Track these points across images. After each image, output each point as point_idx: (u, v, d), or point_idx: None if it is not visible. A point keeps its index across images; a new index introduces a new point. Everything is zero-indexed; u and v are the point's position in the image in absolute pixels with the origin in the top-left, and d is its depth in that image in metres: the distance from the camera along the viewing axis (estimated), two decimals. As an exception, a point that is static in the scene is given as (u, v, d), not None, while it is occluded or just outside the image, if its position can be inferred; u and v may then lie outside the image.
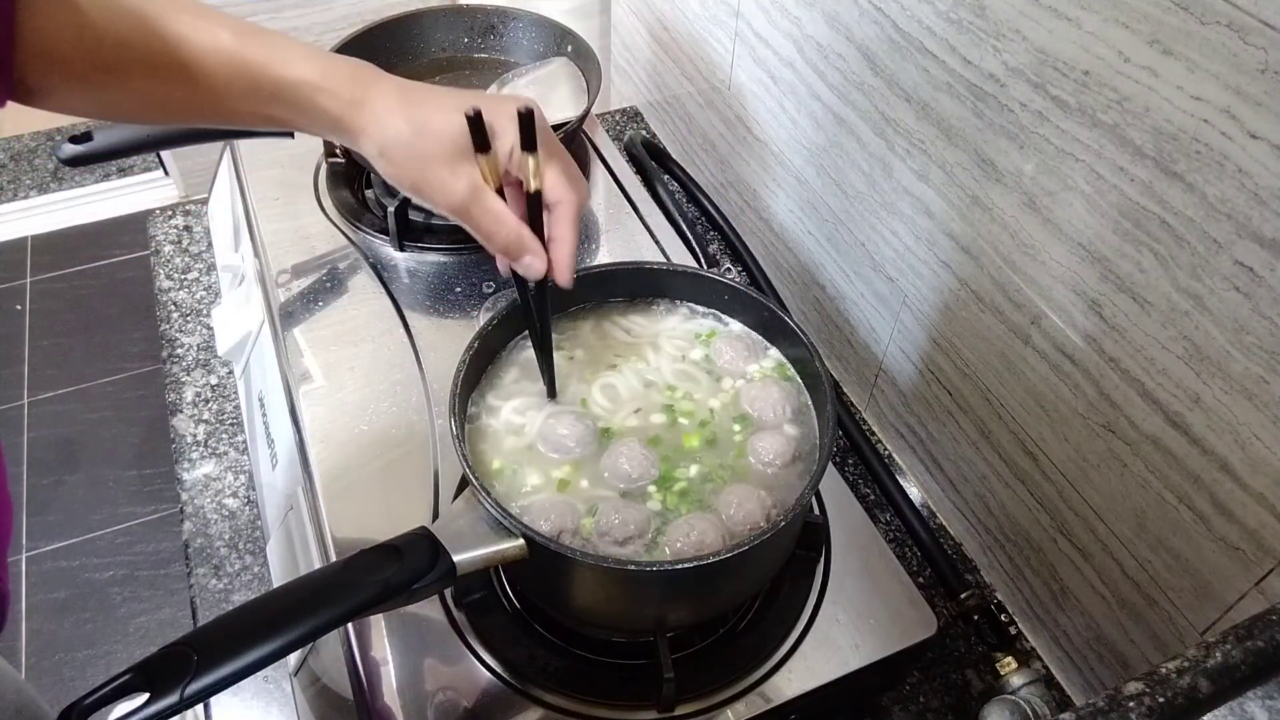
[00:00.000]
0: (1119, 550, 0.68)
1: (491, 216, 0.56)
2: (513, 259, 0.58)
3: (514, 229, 0.57)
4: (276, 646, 0.47)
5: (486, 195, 0.56)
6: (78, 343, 2.34)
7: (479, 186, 0.56)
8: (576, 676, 0.64)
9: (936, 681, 0.77)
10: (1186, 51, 0.51)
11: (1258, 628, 0.41)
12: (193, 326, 1.02)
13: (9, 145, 2.83)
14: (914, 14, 0.72)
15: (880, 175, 0.83)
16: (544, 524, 0.58)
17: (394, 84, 0.56)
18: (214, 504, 0.86)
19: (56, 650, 1.78)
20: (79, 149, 0.83)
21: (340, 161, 1.00)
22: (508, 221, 0.57)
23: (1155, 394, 0.60)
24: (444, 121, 0.54)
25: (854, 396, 1.00)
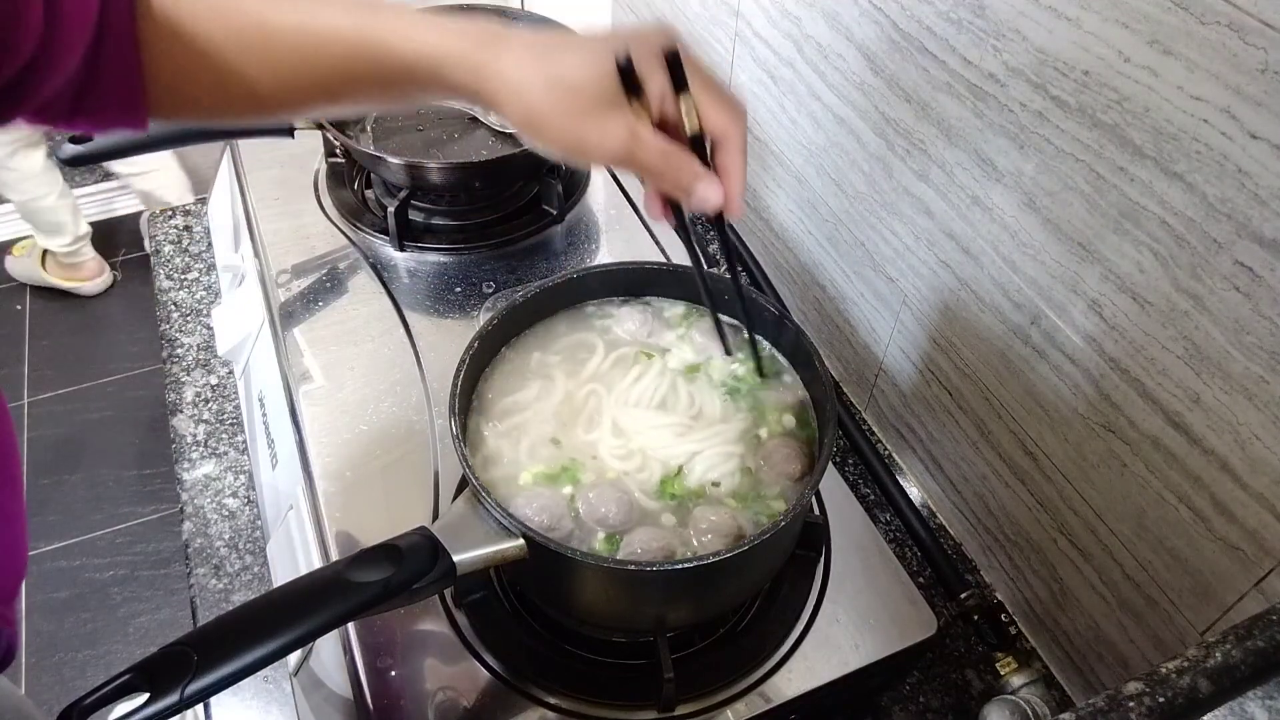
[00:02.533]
0: (1119, 550, 0.68)
1: (659, 153, 0.52)
2: (687, 193, 0.54)
3: (686, 160, 0.53)
4: (276, 646, 0.47)
5: (646, 134, 0.52)
6: (78, 343, 2.34)
7: (636, 129, 0.52)
8: (576, 676, 0.64)
9: (936, 681, 0.77)
10: (1186, 51, 0.51)
11: (1258, 628, 0.41)
12: (193, 326, 1.02)
13: (9, 145, 2.83)
14: (914, 14, 0.72)
15: (880, 175, 0.83)
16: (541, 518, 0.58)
17: (523, 42, 0.52)
18: (214, 504, 0.86)
19: (56, 650, 1.78)
20: (79, 149, 0.83)
21: (340, 161, 1.00)
22: (677, 153, 0.53)
23: (1155, 394, 0.60)
24: (586, 72, 0.50)
25: (854, 396, 1.00)
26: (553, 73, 0.50)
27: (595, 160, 0.53)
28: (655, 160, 0.52)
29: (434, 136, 0.98)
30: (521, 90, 0.51)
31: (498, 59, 0.51)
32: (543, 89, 0.50)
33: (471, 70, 0.51)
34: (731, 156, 0.54)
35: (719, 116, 0.53)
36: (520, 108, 0.51)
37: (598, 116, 0.51)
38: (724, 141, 0.54)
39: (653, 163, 0.53)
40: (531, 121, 0.52)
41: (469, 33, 0.52)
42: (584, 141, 0.52)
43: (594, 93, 0.50)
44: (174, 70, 0.50)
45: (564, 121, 0.51)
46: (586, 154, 0.53)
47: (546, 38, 0.53)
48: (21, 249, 2.45)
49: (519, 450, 0.64)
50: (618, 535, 0.59)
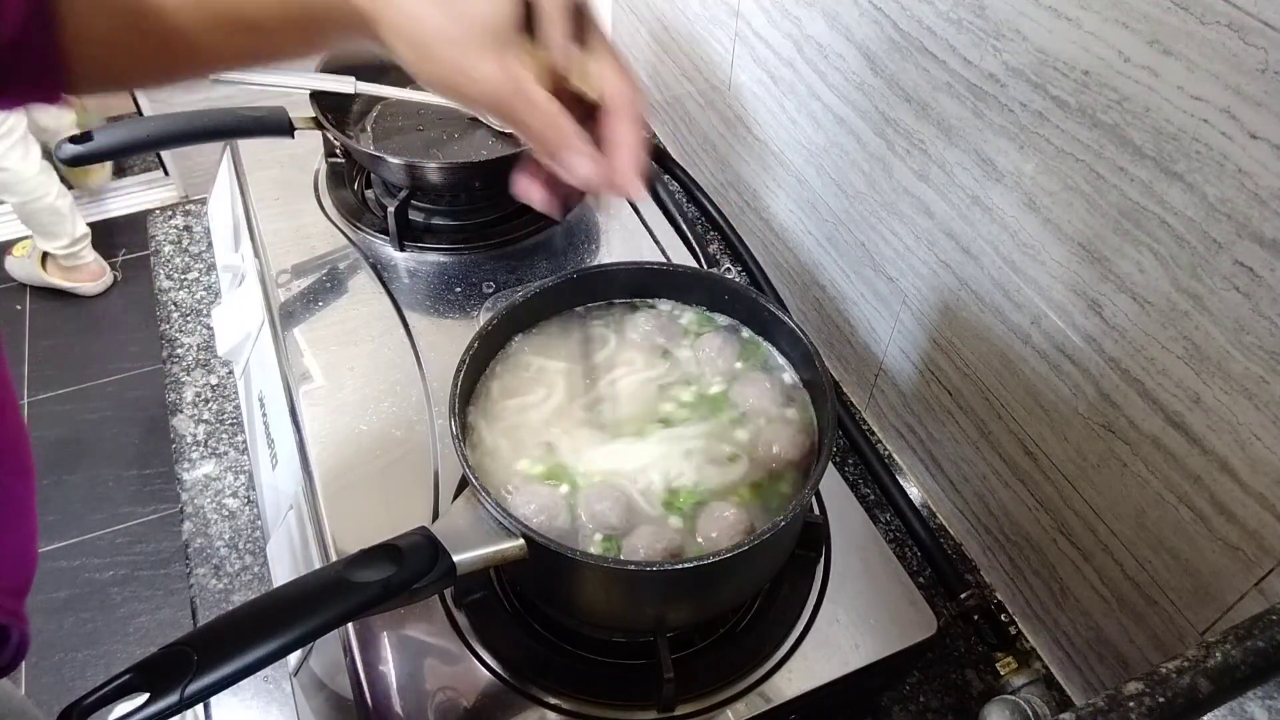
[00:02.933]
0: (1119, 550, 0.68)
1: (537, 104, 0.50)
2: (556, 155, 0.52)
3: (562, 124, 0.50)
4: (276, 646, 0.47)
5: (529, 84, 0.50)
6: (78, 343, 2.34)
7: (521, 74, 0.49)
8: (576, 676, 0.64)
9: (936, 681, 0.77)
10: (1186, 51, 0.51)
11: (1258, 628, 0.41)
12: (193, 326, 1.02)
13: (9, 145, 2.83)
14: (914, 14, 0.72)
15: (880, 175, 0.83)
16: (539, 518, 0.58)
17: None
18: (214, 504, 0.86)
19: (56, 650, 1.78)
20: (79, 149, 0.83)
21: (340, 161, 1.00)
22: (557, 111, 0.50)
23: (1155, 394, 0.60)
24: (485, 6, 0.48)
25: (854, 396, 1.00)
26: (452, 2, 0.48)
27: (473, 100, 0.51)
28: (531, 111, 0.50)
29: (434, 136, 0.98)
30: (411, 13, 0.48)
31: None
32: (437, 13, 0.48)
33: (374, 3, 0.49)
34: (622, 127, 0.52)
35: (614, 82, 0.51)
36: (409, 31, 0.49)
37: (486, 51, 0.48)
38: (616, 110, 0.52)
39: (528, 113, 0.50)
40: (417, 46, 0.49)
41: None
42: (465, 75, 0.49)
43: (488, 25, 0.48)
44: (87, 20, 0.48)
45: (449, 51, 0.49)
46: (466, 90, 0.50)
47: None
48: (21, 249, 2.45)
49: (518, 450, 0.64)
50: (618, 537, 0.59)
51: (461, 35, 0.48)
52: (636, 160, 0.52)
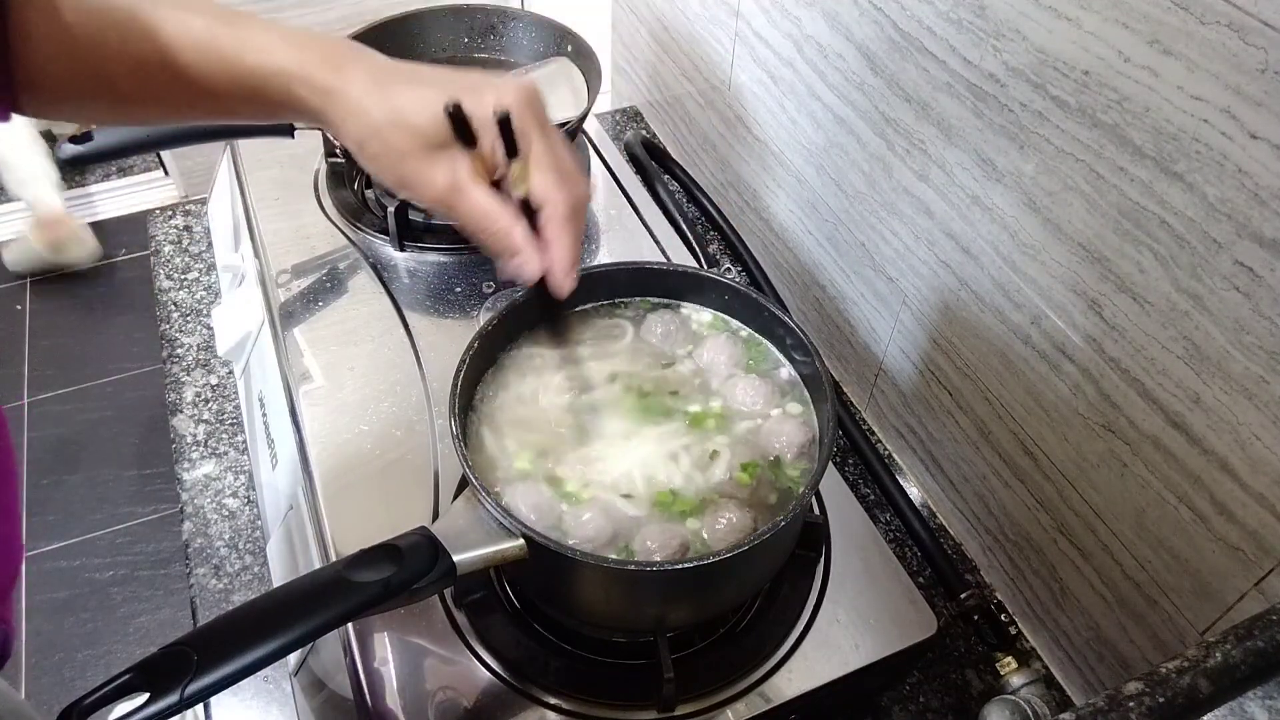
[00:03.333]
0: (1119, 550, 0.68)
1: (478, 211, 0.53)
2: (495, 254, 0.54)
3: (503, 226, 0.53)
4: (276, 646, 0.47)
5: (469, 189, 0.52)
6: (78, 343, 2.34)
7: (460, 180, 0.52)
8: (576, 676, 0.64)
9: (936, 681, 0.77)
10: (1186, 51, 0.51)
11: (1258, 628, 0.41)
12: (193, 326, 1.02)
13: (9, 145, 2.83)
14: (914, 14, 0.72)
15: (880, 175, 0.83)
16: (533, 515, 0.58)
17: (368, 68, 0.52)
18: (214, 504, 0.86)
19: (56, 650, 1.78)
20: (79, 149, 0.83)
21: (340, 161, 1.00)
22: (496, 217, 0.53)
23: (1155, 394, 0.60)
24: (420, 111, 0.51)
25: (854, 396, 1.00)
26: (390, 105, 0.51)
27: (420, 201, 0.54)
28: (473, 216, 0.53)
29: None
30: (360, 118, 0.51)
31: (344, 84, 0.52)
32: (379, 120, 0.51)
33: (320, 92, 0.52)
34: (554, 227, 0.54)
35: (547, 183, 0.53)
36: (355, 136, 0.52)
37: (425, 158, 0.51)
38: (546, 210, 0.53)
39: (470, 217, 0.53)
40: (364, 151, 0.53)
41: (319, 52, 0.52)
42: (409, 180, 0.52)
43: (425, 134, 0.51)
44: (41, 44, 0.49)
45: (393, 157, 0.52)
46: (413, 193, 0.53)
47: (393, 67, 0.53)
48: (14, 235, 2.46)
49: (518, 450, 0.64)
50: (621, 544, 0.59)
51: (403, 143, 0.51)
52: (567, 261, 0.54)
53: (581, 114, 0.94)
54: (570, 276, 0.55)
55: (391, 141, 0.51)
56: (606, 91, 1.45)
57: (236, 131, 0.94)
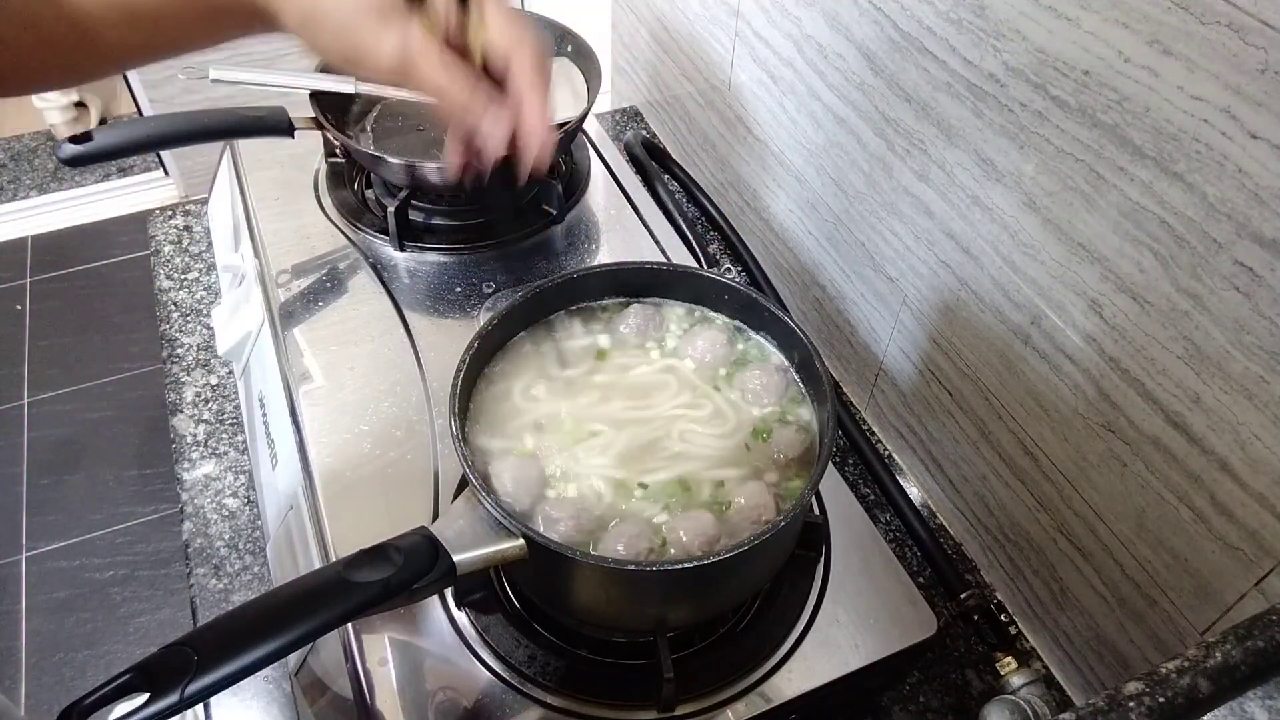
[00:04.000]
0: (1119, 550, 0.68)
1: (439, 66, 0.49)
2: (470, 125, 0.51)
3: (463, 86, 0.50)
4: (276, 646, 0.47)
5: (423, 54, 0.49)
6: (78, 343, 2.34)
7: (412, 46, 0.49)
8: (576, 676, 0.64)
9: (936, 681, 0.77)
10: (1186, 51, 0.51)
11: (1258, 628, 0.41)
12: (193, 326, 1.02)
13: (9, 145, 2.83)
14: (914, 14, 0.72)
15: (880, 175, 0.83)
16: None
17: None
18: (214, 504, 0.86)
19: (56, 650, 1.78)
20: (79, 149, 0.83)
21: (340, 161, 1.00)
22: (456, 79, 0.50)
23: (1155, 394, 0.60)
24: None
25: (854, 396, 1.00)
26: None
27: (374, 71, 0.51)
28: (434, 74, 0.49)
29: (434, 136, 0.98)
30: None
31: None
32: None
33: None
34: (523, 79, 0.51)
35: (506, 34, 0.50)
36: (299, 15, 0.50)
37: (378, 21, 0.48)
38: (514, 62, 0.51)
39: (426, 80, 0.50)
40: (309, 23, 0.50)
41: None
42: (360, 47, 0.49)
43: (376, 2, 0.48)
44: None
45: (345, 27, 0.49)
46: (365, 63, 0.50)
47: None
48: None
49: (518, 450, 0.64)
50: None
51: (354, 11, 0.48)
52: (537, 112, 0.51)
53: (581, 114, 0.94)
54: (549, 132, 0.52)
55: (336, 13, 0.49)
56: (606, 91, 1.45)
57: (236, 132, 0.94)
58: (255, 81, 0.86)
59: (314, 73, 0.93)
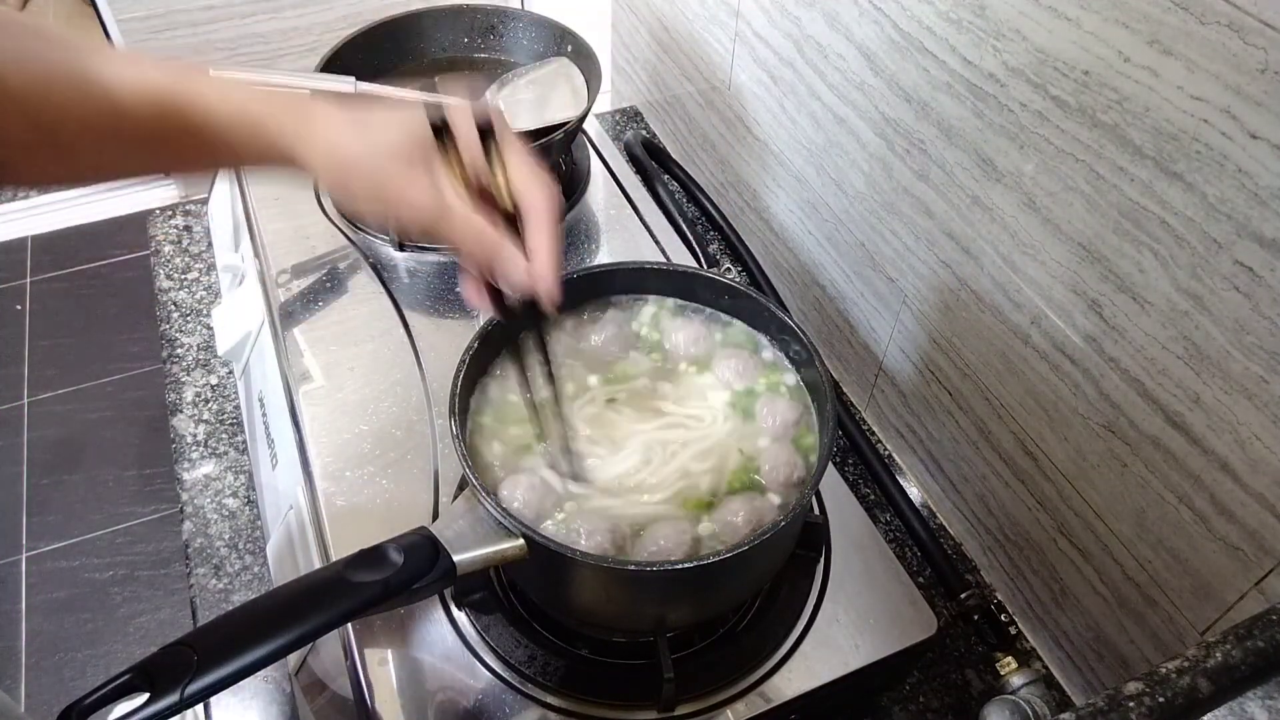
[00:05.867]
0: (1119, 550, 0.68)
1: (464, 220, 0.52)
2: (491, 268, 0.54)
3: (491, 237, 0.52)
4: (276, 646, 0.47)
5: (454, 199, 0.52)
6: (78, 343, 2.33)
7: (444, 192, 0.52)
8: (576, 676, 0.64)
9: (936, 681, 0.77)
10: (1186, 51, 0.51)
11: (1258, 628, 0.41)
12: (193, 326, 1.02)
13: (9, 145, 2.82)
14: (914, 14, 0.72)
15: (880, 175, 0.83)
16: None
17: (330, 109, 0.52)
18: (214, 504, 0.86)
19: (56, 650, 1.78)
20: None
21: (340, 161, 1.00)
22: (484, 230, 0.52)
23: (1155, 394, 0.60)
24: (393, 128, 0.51)
25: (854, 396, 1.00)
26: (362, 131, 0.50)
27: (404, 222, 0.53)
28: (460, 227, 0.52)
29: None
30: (334, 148, 0.51)
31: (310, 119, 0.51)
32: (355, 148, 0.50)
33: (289, 132, 0.51)
34: (537, 235, 0.53)
35: (527, 190, 0.53)
36: (332, 166, 0.51)
37: (407, 176, 0.50)
38: (530, 218, 0.53)
39: (458, 229, 0.52)
40: (343, 179, 0.51)
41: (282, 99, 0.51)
42: (389, 196, 0.51)
43: (402, 152, 0.50)
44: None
45: (373, 184, 0.51)
46: (394, 215, 0.52)
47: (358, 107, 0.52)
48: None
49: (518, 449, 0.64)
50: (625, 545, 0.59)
51: (381, 166, 0.50)
52: (553, 268, 0.53)
53: (581, 114, 0.94)
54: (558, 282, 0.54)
55: (369, 167, 0.50)
56: (606, 91, 1.45)
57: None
58: (255, 81, 0.85)
59: (313, 73, 0.93)
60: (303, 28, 2.03)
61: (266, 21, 2.03)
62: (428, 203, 0.51)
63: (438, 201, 0.51)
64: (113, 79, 0.49)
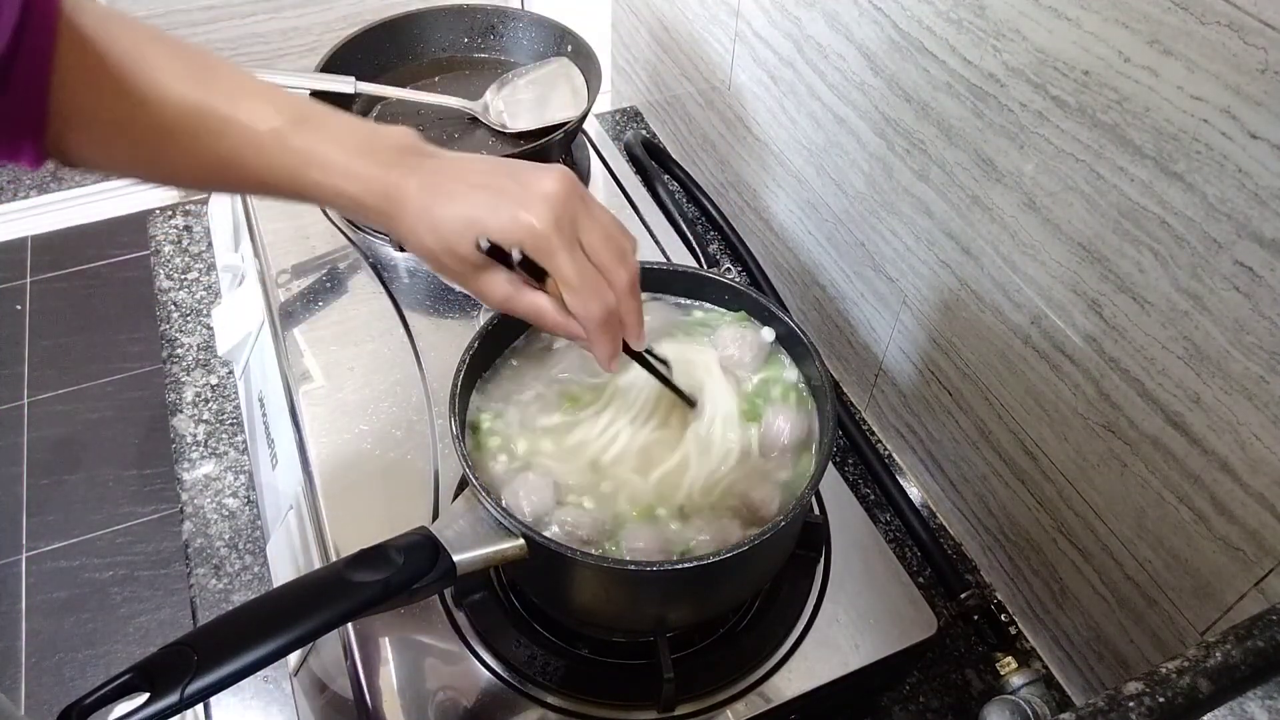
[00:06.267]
0: (1119, 550, 0.68)
1: (534, 312, 0.56)
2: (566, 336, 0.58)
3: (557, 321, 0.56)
4: (276, 646, 0.47)
5: (522, 294, 0.56)
6: (78, 343, 2.33)
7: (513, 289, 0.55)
8: (576, 676, 0.64)
9: (936, 681, 0.77)
10: (1186, 51, 0.51)
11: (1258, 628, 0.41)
12: (193, 326, 1.02)
13: (9, 145, 2.82)
14: (914, 14, 0.72)
15: (880, 175, 0.83)
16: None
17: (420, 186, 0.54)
18: (214, 504, 0.86)
19: (56, 650, 1.78)
20: (79, 149, 0.82)
21: (340, 161, 1.00)
22: (548, 313, 0.56)
23: (1155, 394, 0.60)
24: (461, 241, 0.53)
25: (854, 396, 1.00)
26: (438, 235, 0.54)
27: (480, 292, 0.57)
28: (528, 313, 0.57)
29: (434, 137, 0.98)
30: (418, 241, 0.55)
31: (398, 211, 0.54)
32: (433, 246, 0.54)
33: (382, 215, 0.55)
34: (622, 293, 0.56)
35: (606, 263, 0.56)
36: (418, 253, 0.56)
37: (478, 275, 0.55)
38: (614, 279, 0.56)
39: (526, 314, 0.57)
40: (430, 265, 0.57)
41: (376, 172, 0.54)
42: (471, 289, 0.57)
43: (471, 260, 0.54)
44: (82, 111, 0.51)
45: (452, 275, 0.56)
46: (477, 296, 0.57)
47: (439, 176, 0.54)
48: None
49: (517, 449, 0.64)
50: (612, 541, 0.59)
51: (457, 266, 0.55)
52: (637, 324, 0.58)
53: (581, 114, 0.94)
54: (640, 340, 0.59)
55: (448, 264, 0.55)
56: (606, 91, 1.45)
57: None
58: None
59: (313, 73, 0.93)
60: (303, 28, 2.03)
61: (266, 21, 2.03)
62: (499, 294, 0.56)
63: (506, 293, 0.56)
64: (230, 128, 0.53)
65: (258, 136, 0.53)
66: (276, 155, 0.53)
